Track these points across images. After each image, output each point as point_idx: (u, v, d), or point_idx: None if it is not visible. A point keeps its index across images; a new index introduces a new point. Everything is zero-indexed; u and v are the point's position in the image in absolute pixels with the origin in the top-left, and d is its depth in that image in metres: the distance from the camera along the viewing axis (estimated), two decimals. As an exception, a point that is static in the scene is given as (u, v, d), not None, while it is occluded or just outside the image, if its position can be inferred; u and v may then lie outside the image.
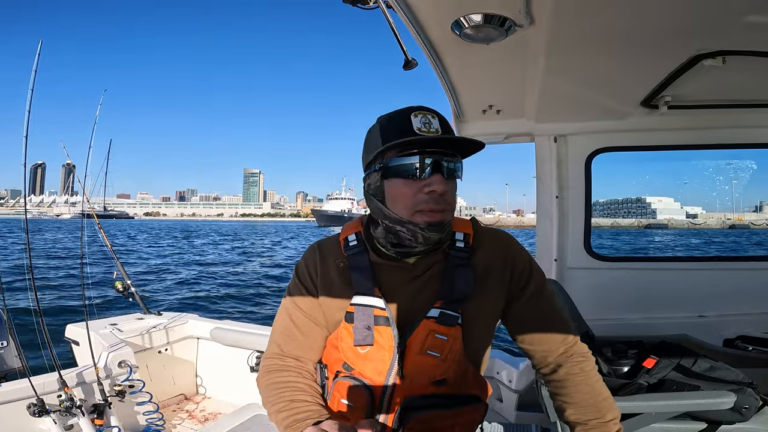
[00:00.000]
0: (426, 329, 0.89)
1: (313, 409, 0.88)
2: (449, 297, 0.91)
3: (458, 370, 0.91)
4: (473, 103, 2.03)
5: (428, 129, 0.88)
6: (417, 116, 0.89)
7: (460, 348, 0.90)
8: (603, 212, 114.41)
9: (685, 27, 1.24)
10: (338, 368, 0.95)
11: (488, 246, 0.98)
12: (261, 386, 0.97)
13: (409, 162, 0.88)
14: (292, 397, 0.90)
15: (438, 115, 0.92)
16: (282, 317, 1.01)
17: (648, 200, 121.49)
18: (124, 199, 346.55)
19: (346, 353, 0.93)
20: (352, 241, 0.99)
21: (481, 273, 0.95)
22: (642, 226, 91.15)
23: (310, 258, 1.02)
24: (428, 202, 0.88)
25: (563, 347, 0.98)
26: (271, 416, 0.90)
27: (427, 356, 0.88)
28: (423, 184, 0.88)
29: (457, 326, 0.90)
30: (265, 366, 0.99)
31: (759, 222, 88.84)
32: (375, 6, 1.20)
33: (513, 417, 2.31)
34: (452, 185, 0.91)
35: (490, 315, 0.97)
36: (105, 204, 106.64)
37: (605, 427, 0.91)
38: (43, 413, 2.11)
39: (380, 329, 0.90)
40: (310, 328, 0.98)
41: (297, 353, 0.98)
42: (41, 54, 2.67)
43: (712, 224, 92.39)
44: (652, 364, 1.65)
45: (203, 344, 3.22)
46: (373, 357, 0.90)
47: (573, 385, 0.96)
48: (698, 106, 2.01)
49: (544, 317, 1.00)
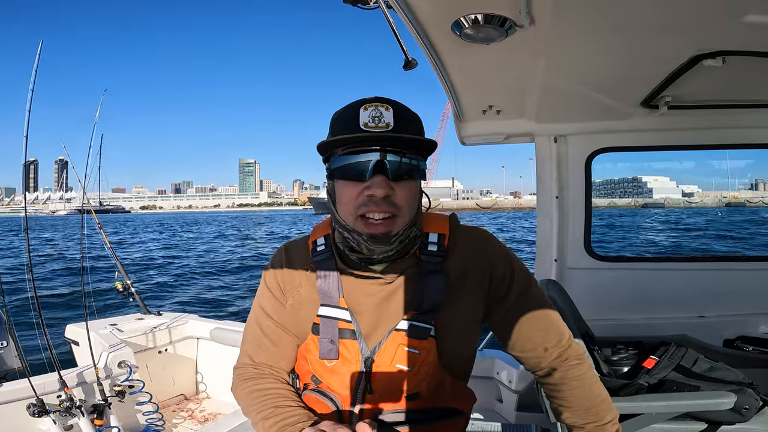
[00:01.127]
0: (395, 343, 0.84)
1: (300, 413, 0.84)
2: (420, 308, 0.84)
3: (432, 382, 0.86)
4: (473, 103, 2.02)
5: (377, 124, 0.78)
6: (367, 109, 0.80)
7: (434, 360, 0.84)
8: (600, 192, 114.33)
9: (685, 27, 1.24)
10: (307, 380, 0.91)
11: (464, 247, 0.90)
12: (239, 395, 0.93)
13: (351, 161, 0.80)
14: (276, 403, 0.86)
15: (395, 106, 0.81)
16: (252, 326, 0.96)
17: (644, 180, 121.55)
18: (120, 193, 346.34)
19: (314, 365, 0.89)
20: (320, 245, 0.91)
21: (457, 278, 0.88)
22: (638, 206, 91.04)
23: (276, 262, 0.95)
24: (368, 205, 0.79)
25: (557, 351, 0.92)
26: (257, 425, 0.85)
27: (397, 371, 0.83)
28: (364, 186, 0.79)
29: (429, 338, 0.84)
30: (239, 375, 0.95)
31: (755, 200, 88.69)
32: (375, 6, 1.20)
33: (513, 417, 2.31)
34: (404, 187, 0.81)
35: (467, 322, 0.89)
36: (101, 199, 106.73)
37: (603, 429, 0.89)
38: (43, 413, 2.11)
39: (346, 342, 0.85)
40: (281, 337, 0.92)
41: (269, 363, 0.93)
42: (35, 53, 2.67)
43: (708, 203, 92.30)
44: (652, 364, 1.65)
45: (203, 344, 3.22)
46: (340, 370, 0.85)
47: (569, 389, 0.91)
48: (698, 106, 2.01)
49: (533, 320, 0.92)
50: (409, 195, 0.82)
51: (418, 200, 0.88)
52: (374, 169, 0.79)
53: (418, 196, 0.87)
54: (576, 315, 1.87)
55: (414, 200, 0.84)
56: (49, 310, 7.47)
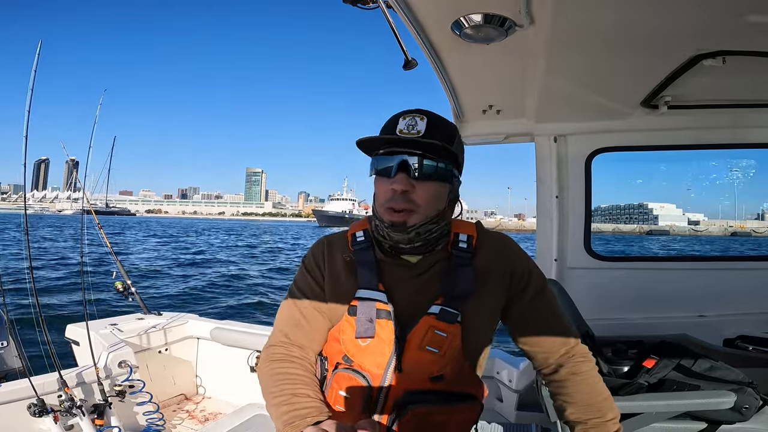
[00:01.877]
0: (426, 325, 0.91)
1: (313, 405, 0.87)
2: (450, 294, 0.93)
3: (455, 367, 0.92)
4: (473, 103, 2.03)
5: (409, 131, 0.91)
6: (405, 119, 0.92)
7: (458, 345, 0.91)
8: (605, 218, 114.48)
9: (685, 27, 1.24)
10: (338, 360, 0.96)
11: (489, 248, 1.00)
12: (262, 375, 0.97)
13: (383, 161, 0.93)
14: (294, 390, 0.90)
15: (430, 117, 0.93)
16: (288, 306, 1.02)
17: (650, 206, 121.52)
18: (127, 195, 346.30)
19: (347, 345, 0.94)
20: (359, 237, 1.01)
21: (482, 273, 0.97)
22: (643, 232, 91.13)
23: (318, 250, 1.04)
24: (390, 200, 0.91)
25: (564, 348, 0.99)
26: (271, 408, 0.89)
27: (426, 352, 0.90)
28: (391, 182, 0.91)
29: (456, 323, 0.91)
30: (268, 355, 0.98)
31: (761, 230, 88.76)
32: (375, 6, 1.20)
33: (513, 417, 2.31)
34: (424, 186, 0.92)
35: (489, 315, 0.98)
36: (107, 200, 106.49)
37: (605, 426, 0.92)
38: (43, 413, 2.11)
39: (381, 322, 0.91)
40: (316, 319, 0.99)
41: (302, 342, 0.98)
42: (42, 53, 2.67)
43: (713, 231, 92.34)
44: (652, 364, 1.65)
45: (203, 344, 3.22)
46: (374, 350, 0.91)
47: (573, 385, 0.97)
48: (698, 106, 2.01)
49: (545, 319, 1.01)
50: (429, 194, 0.92)
51: (444, 202, 0.96)
52: (398, 168, 0.91)
53: (444, 198, 0.96)
54: (576, 315, 1.87)
55: (435, 200, 0.93)
56: (49, 309, 7.48)
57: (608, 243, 38.41)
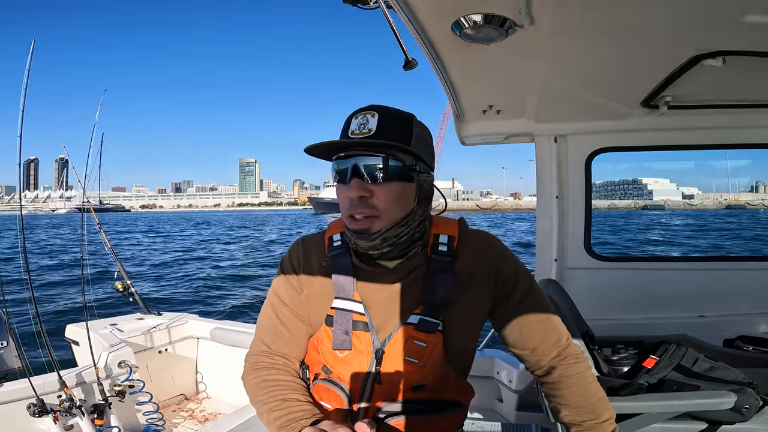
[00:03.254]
0: (405, 335, 0.87)
1: (305, 408, 0.86)
2: (429, 303, 0.88)
3: (437, 375, 0.89)
4: (473, 103, 2.02)
5: (360, 131, 0.85)
6: (357, 117, 0.87)
7: (440, 354, 0.88)
8: (600, 194, 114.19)
9: (685, 27, 1.24)
10: (317, 370, 0.94)
11: (472, 249, 0.95)
12: (248, 384, 0.95)
13: (338, 167, 0.88)
14: (284, 396, 0.88)
15: (381, 112, 0.86)
16: (267, 314, 0.99)
17: (644, 181, 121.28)
18: (120, 192, 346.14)
19: (326, 356, 0.92)
20: (336, 240, 0.96)
21: (465, 277, 0.92)
22: (639, 208, 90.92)
23: (294, 253, 1.00)
24: (350, 207, 0.86)
25: (556, 350, 0.97)
26: (262, 415, 0.88)
27: (406, 362, 0.87)
28: (347, 188, 0.86)
29: (437, 333, 0.88)
30: (252, 363, 0.97)
31: (755, 202, 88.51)
32: (375, 6, 1.20)
33: (513, 417, 2.31)
34: (383, 188, 0.85)
35: (472, 319, 0.94)
36: (101, 198, 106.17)
37: (600, 427, 0.91)
38: (42, 413, 2.11)
39: (358, 334, 0.89)
40: (296, 326, 0.96)
41: (284, 351, 0.96)
42: (34, 54, 2.67)
43: (708, 205, 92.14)
44: (652, 364, 1.65)
45: (203, 344, 3.22)
46: (351, 361, 0.89)
47: (567, 387, 0.95)
48: (698, 106, 2.01)
49: (534, 321, 0.96)
50: (390, 197, 0.85)
51: (411, 202, 0.89)
52: (352, 173, 0.85)
53: (410, 198, 0.89)
54: (576, 315, 1.87)
55: (398, 202, 0.86)
56: (49, 309, 7.48)
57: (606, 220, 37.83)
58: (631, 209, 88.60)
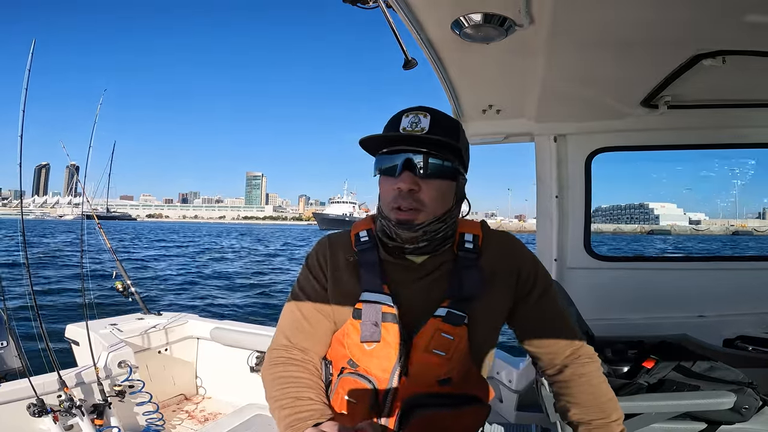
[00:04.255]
0: (433, 328, 0.89)
1: (316, 408, 0.87)
2: (457, 296, 0.91)
3: (462, 369, 0.91)
4: (473, 103, 2.02)
5: (413, 128, 0.88)
6: (408, 116, 0.90)
7: (465, 347, 0.90)
8: (605, 218, 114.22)
9: (685, 27, 1.24)
10: (343, 364, 0.94)
11: (496, 249, 0.98)
12: (266, 378, 0.96)
13: (387, 159, 0.91)
14: (297, 393, 0.89)
15: (433, 114, 0.91)
16: (291, 308, 1.00)
17: (651, 206, 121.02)
18: (127, 200, 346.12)
19: (352, 350, 0.92)
20: (363, 237, 0.99)
21: (488, 275, 0.95)
22: (645, 232, 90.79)
23: (320, 250, 1.02)
24: (396, 199, 0.89)
25: (570, 349, 0.98)
26: (274, 411, 0.89)
27: (433, 355, 0.88)
28: (396, 181, 0.89)
29: (463, 326, 0.89)
30: (271, 358, 0.97)
31: (762, 228, 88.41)
32: (375, 6, 1.20)
33: (513, 417, 2.31)
34: (430, 184, 0.89)
35: (495, 316, 0.97)
36: (108, 205, 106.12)
37: (609, 427, 0.92)
38: (42, 413, 2.11)
39: (387, 326, 0.90)
40: (319, 321, 0.97)
41: (304, 345, 0.97)
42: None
43: (715, 230, 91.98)
44: (652, 364, 1.65)
45: (203, 344, 3.22)
46: (379, 354, 0.90)
47: (578, 385, 0.96)
48: (698, 106, 2.01)
49: (551, 320, 1.00)
50: (435, 193, 0.90)
51: (451, 201, 0.94)
52: (403, 166, 0.89)
53: (450, 196, 0.94)
54: (576, 315, 1.87)
55: (442, 199, 0.91)
56: (49, 309, 7.48)
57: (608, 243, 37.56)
58: (637, 234, 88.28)
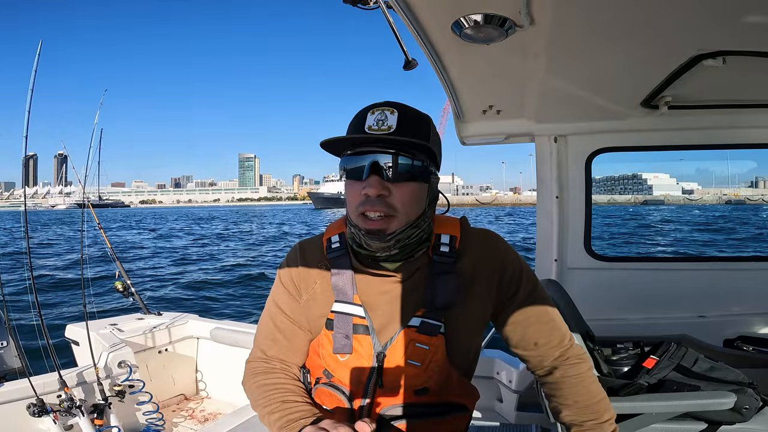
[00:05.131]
0: (406, 338, 0.86)
1: (305, 408, 0.86)
2: (431, 305, 0.87)
3: (440, 378, 0.88)
4: (473, 103, 2.02)
5: (379, 127, 0.82)
6: (374, 113, 0.84)
7: (442, 357, 0.87)
8: (600, 189, 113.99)
9: (685, 27, 1.24)
10: (319, 374, 0.94)
11: (476, 249, 0.93)
12: (248, 389, 0.95)
13: (353, 162, 0.85)
14: (283, 398, 0.88)
15: (401, 110, 0.84)
16: (265, 321, 0.98)
17: (644, 176, 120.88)
18: (119, 187, 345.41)
19: (327, 360, 0.91)
20: (334, 242, 0.94)
21: (468, 278, 0.90)
22: (639, 203, 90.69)
23: (292, 259, 0.98)
24: (365, 204, 0.83)
25: (559, 351, 0.96)
26: (263, 418, 0.88)
27: (408, 366, 0.86)
28: (362, 185, 0.83)
29: (439, 335, 0.86)
30: (250, 369, 0.97)
31: (754, 197, 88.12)
32: (375, 6, 1.20)
33: (513, 417, 2.31)
34: (401, 188, 0.83)
35: (476, 321, 0.92)
36: (100, 193, 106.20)
37: (601, 428, 0.91)
38: (42, 413, 2.11)
39: (359, 338, 0.87)
40: (294, 333, 0.95)
41: (281, 357, 0.95)
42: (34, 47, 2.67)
43: (708, 200, 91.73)
44: (652, 364, 1.65)
45: (203, 344, 3.22)
46: (352, 365, 0.88)
47: (568, 387, 0.94)
48: (698, 106, 2.01)
49: (538, 322, 0.95)
50: (408, 197, 0.84)
51: (424, 203, 0.88)
52: (370, 170, 0.82)
53: (423, 198, 0.88)
54: (576, 315, 1.87)
55: (415, 202, 0.85)
56: (49, 309, 7.47)
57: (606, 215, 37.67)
58: (631, 204, 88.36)
